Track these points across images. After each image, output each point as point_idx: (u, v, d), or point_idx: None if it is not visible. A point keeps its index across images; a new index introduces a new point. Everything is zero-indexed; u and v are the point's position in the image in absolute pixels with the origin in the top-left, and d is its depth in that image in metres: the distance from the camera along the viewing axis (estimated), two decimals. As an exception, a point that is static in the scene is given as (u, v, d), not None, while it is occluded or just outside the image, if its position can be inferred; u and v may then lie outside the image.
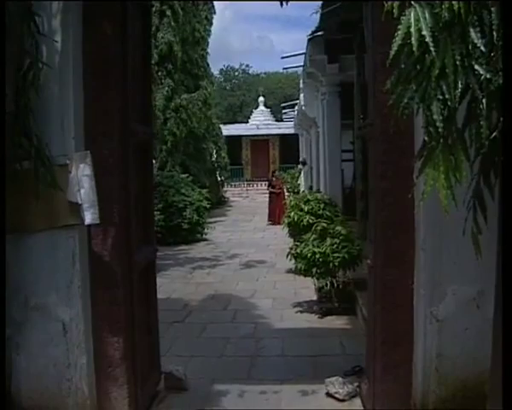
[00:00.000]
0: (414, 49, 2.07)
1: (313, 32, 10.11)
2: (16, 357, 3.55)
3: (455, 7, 2.04)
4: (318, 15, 8.67)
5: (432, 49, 2.06)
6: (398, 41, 2.13)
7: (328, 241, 6.95)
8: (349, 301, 6.93)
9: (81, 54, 3.59)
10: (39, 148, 3.28)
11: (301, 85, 17.84)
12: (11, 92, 2.95)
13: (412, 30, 2.08)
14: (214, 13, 22.94)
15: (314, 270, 6.99)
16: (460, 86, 2.05)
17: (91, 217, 3.46)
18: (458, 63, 2.04)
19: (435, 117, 2.09)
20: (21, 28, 3.09)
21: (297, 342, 5.96)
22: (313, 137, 18.14)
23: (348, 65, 10.46)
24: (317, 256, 6.86)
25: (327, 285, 7.06)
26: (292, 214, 8.88)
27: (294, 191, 20.67)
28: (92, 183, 3.47)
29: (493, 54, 2.03)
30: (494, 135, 2.08)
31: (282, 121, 38.64)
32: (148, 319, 4.35)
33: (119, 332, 3.72)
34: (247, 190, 32.52)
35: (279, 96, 53.06)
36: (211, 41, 23.18)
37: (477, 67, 2.04)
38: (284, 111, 35.08)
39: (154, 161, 15.93)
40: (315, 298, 7.49)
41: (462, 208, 2.28)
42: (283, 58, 15.33)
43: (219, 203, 25.05)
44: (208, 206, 15.52)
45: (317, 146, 15.34)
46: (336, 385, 4.29)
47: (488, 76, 2.03)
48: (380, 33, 3.39)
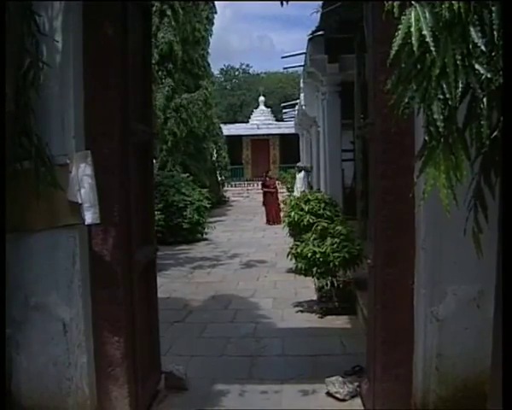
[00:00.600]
0: (414, 48, 2.07)
1: (313, 32, 10.10)
2: (16, 356, 3.55)
3: (455, 6, 2.04)
4: (319, 15, 8.66)
5: (432, 48, 2.05)
6: (398, 41, 2.13)
7: (328, 240, 6.96)
8: (349, 300, 6.93)
9: (81, 53, 3.59)
10: (40, 147, 3.28)
11: (301, 85, 17.84)
12: (11, 92, 2.94)
13: (413, 29, 2.08)
14: (215, 12, 22.94)
15: (314, 269, 7.00)
16: (460, 86, 2.05)
17: (92, 217, 3.47)
18: (459, 63, 2.04)
19: (436, 117, 2.09)
20: (22, 28, 3.09)
21: (297, 341, 5.95)
22: (313, 136, 18.13)
23: (348, 64, 10.45)
24: (318, 256, 6.86)
25: (327, 285, 7.06)
26: (292, 214, 8.87)
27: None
28: (92, 182, 3.47)
29: (494, 53, 2.03)
30: (495, 134, 2.08)
31: (283, 121, 38.63)
32: (149, 319, 4.35)
33: (120, 332, 3.72)
34: (248, 190, 32.49)
35: (279, 95, 53.03)
36: (211, 40, 23.22)
37: (477, 67, 2.04)
38: (284, 111, 35.05)
39: (155, 161, 15.90)
40: (315, 298, 7.48)
41: (462, 208, 2.28)
42: (284, 58, 15.38)
43: (220, 203, 25.05)
44: (208, 205, 15.53)
45: (318, 146, 15.33)
46: (337, 385, 4.29)
47: (489, 75, 2.03)
48: (380, 33, 3.39)
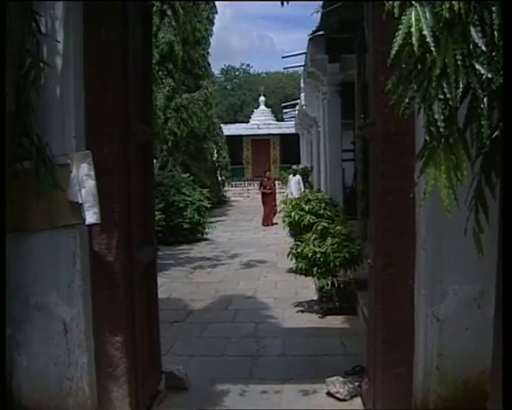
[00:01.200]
0: (415, 48, 2.07)
1: (314, 32, 10.11)
2: (17, 356, 3.55)
3: (455, 6, 2.04)
4: (319, 15, 8.67)
5: (433, 48, 2.05)
6: (398, 41, 2.13)
7: (328, 240, 6.96)
8: (350, 300, 6.93)
9: (82, 53, 3.59)
10: (40, 147, 3.28)
11: (302, 85, 17.87)
12: (12, 92, 2.95)
13: (413, 30, 2.07)
14: (216, 12, 22.92)
15: (315, 269, 7.00)
16: (461, 86, 2.05)
17: (92, 217, 3.47)
18: (459, 63, 2.04)
19: (436, 117, 2.09)
20: (22, 28, 3.09)
21: (298, 341, 5.96)
22: (314, 136, 18.15)
23: (349, 64, 10.46)
24: (318, 256, 6.87)
25: (328, 285, 7.06)
26: (293, 214, 8.87)
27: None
28: (93, 182, 3.47)
29: (494, 53, 2.03)
30: (495, 134, 2.08)
31: (283, 121, 38.65)
32: (149, 319, 4.35)
33: (120, 332, 3.73)
34: (248, 190, 32.46)
35: (280, 95, 53.06)
36: (211, 40, 23.21)
37: (478, 67, 2.04)
38: (285, 111, 35.08)
39: (155, 161, 15.93)
40: (316, 298, 7.48)
41: (463, 208, 2.28)
42: (284, 58, 15.41)
43: (220, 203, 25.05)
44: (209, 205, 15.53)
45: (318, 145, 15.34)
46: (337, 385, 4.29)
47: (489, 75, 2.03)
48: (380, 33, 3.39)
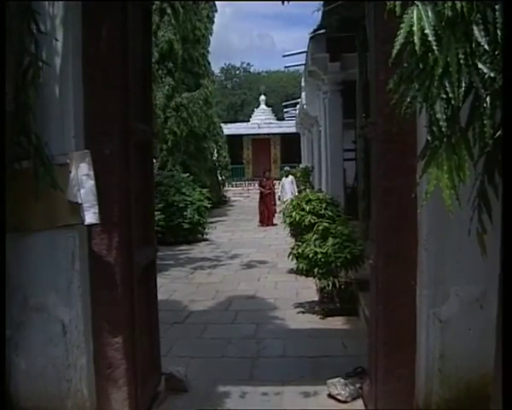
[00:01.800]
0: (416, 47, 2.07)
1: (315, 30, 10.12)
2: (15, 358, 3.55)
3: (458, 5, 2.04)
4: (320, 13, 8.68)
5: (435, 47, 2.05)
6: (400, 39, 2.13)
7: (329, 241, 6.96)
8: (351, 301, 6.92)
9: (81, 52, 3.59)
10: (39, 147, 3.28)
11: (303, 84, 17.87)
12: (10, 91, 2.95)
13: (415, 28, 2.08)
14: (216, 11, 22.93)
15: (316, 270, 7.00)
16: (463, 85, 2.05)
17: (91, 217, 3.46)
18: (462, 62, 2.04)
19: (438, 116, 2.09)
20: (21, 26, 3.09)
21: (298, 342, 5.95)
22: (315, 136, 18.15)
23: (350, 63, 10.45)
24: (319, 256, 6.86)
25: (329, 286, 7.05)
26: (293, 214, 8.87)
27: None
28: (92, 182, 3.47)
29: (497, 52, 2.03)
30: (498, 134, 2.08)
31: (284, 120, 38.67)
32: (149, 320, 4.35)
33: (119, 333, 3.72)
34: (248, 190, 32.46)
35: (280, 94, 53.10)
36: (211, 39, 23.21)
37: (481, 66, 2.04)
38: (286, 110, 35.11)
39: (155, 161, 15.91)
40: (317, 299, 7.48)
41: (465, 208, 2.28)
42: (285, 56, 15.41)
43: (220, 203, 25.05)
44: (209, 205, 15.53)
45: (319, 145, 15.34)
46: (338, 386, 4.29)
47: (492, 74, 2.03)
48: (382, 32, 3.38)
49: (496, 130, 2.07)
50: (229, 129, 33.98)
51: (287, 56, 15.79)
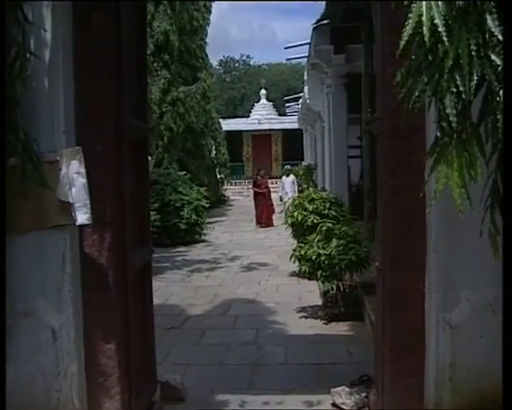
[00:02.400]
0: (425, 38, 2.06)
1: (318, 21, 10.11)
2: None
3: (470, -7, 2.03)
4: (324, 3, 8.67)
5: (445, 38, 2.04)
6: (408, 30, 2.12)
7: (333, 242, 6.95)
8: (356, 305, 6.93)
9: (71, 44, 3.58)
10: (27, 143, 3.26)
11: (305, 77, 17.88)
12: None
13: (424, 18, 2.07)
14: (213, 0, 22.93)
15: (319, 273, 7.00)
16: (475, 78, 2.04)
17: (83, 217, 3.45)
18: (474, 53, 2.03)
19: (448, 111, 2.08)
20: (7, 15, 3.07)
21: (301, 349, 5.96)
22: (318, 132, 18.17)
23: (355, 55, 10.45)
24: (323, 258, 6.86)
25: (333, 289, 7.06)
26: (296, 214, 8.88)
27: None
28: (84, 181, 3.46)
29: None
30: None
31: (286, 115, 38.68)
32: (144, 325, 4.34)
33: (113, 339, 3.71)
34: (249, 189, 32.46)
35: (282, 88, 53.18)
36: (209, 30, 23.23)
37: (494, 57, 2.03)
38: (287, 104, 35.11)
39: (150, 158, 15.91)
40: (320, 303, 7.49)
41: (476, 207, 2.27)
42: (286, 48, 15.41)
43: (219, 202, 25.10)
44: (207, 205, 15.55)
45: (323, 141, 15.35)
46: (343, 395, 4.29)
47: (506, 66, 2.01)
48: (389, 22, 3.38)
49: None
50: (228, 125, 34.03)
51: (289, 48, 15.82)
